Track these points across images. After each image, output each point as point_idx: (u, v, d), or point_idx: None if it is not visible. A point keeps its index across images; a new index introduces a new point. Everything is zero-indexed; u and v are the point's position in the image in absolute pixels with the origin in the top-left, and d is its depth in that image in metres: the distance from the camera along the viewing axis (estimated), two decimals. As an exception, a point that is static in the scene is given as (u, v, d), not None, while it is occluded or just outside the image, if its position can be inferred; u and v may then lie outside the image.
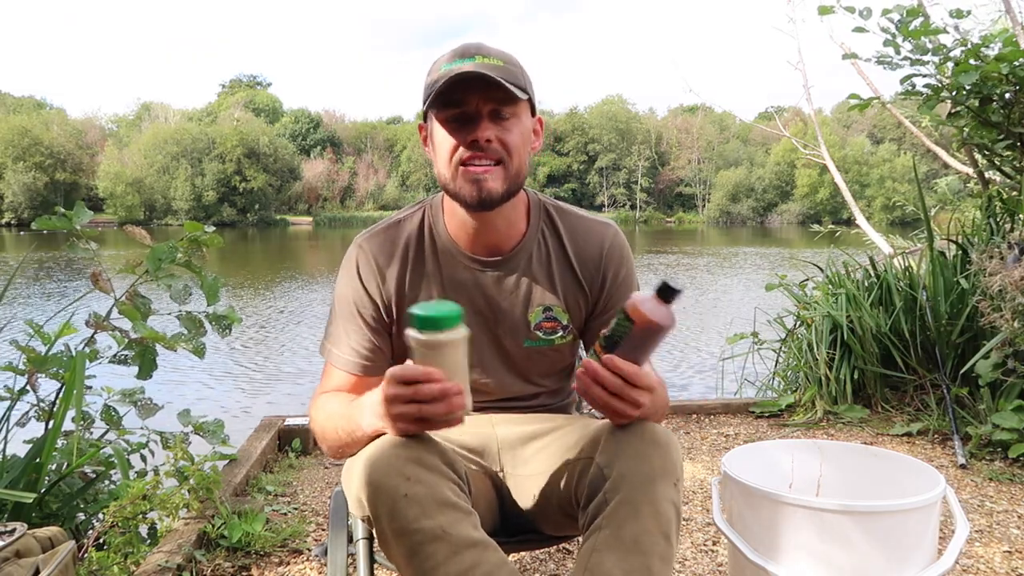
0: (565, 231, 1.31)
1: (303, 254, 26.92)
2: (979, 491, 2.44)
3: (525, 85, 1.17)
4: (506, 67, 1.15)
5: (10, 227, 49.97)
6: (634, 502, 1.04)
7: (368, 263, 1.27)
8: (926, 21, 3.25)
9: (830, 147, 6.98)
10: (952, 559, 1.27)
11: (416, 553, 1.00)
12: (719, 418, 3.41)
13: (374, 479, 1.02)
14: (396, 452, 1.04)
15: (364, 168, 70.36)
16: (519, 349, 1.30)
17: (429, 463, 1.04)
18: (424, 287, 1.28)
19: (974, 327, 3.13)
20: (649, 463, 1.06)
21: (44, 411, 1.99)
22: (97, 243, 2.15)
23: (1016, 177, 3.52)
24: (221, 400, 5.45)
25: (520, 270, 1.28)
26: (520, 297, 1.28)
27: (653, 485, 1.05)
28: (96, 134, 65.85)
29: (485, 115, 1.15)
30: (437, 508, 1.01)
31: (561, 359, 1.36)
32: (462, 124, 1.16)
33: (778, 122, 6.48)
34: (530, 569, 1.95)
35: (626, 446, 1.09)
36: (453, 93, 1.14)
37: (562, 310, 1.30)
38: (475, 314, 1.27)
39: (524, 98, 1.16)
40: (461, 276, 1.28)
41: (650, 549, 1.02)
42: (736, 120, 68.72)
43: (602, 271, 1.31)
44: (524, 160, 1.20)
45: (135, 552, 1.79)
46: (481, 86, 1.12)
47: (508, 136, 1.16)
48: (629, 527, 1.03)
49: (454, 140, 1.16)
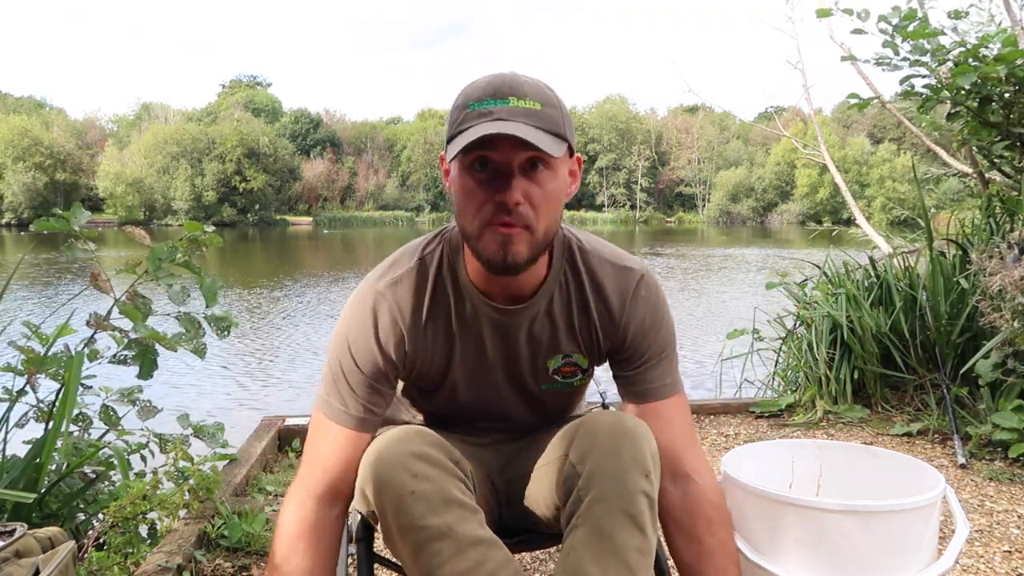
0: (587, 277, 1.21)
1: (303, 254, 26.92)
2: (979, 491, 2.44)
3: (564, 131, 1.04)
4: (544, 111, 1.01)
5: (10, 227, 49.96)
6: (606, 498, 1.04)
7: (390, 315, 1.16)
8: (924, 22, 3.25)
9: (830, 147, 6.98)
10: (952, 559, 1.28)
11: (422, 550, 1.00)
12: (719, 418, 3.41)
13: (380, 475, 1.02)
14: (403, 448, 1.04)
15: (364, 168, 70.33)
16: (537, 393, 1.28)
17: (436, 460, 1.04)
18: (442, 334, 1.20)
19: (974, 327, 3.12)
20: (618, 457, 1.06)
21: (43, 411, 1.99)
22: (97, 243, 2.15)
23: (1016, 177, 3.52)
24: (221, 400, 5.45)
25: (540, 316, 1.20)
26: (539, 344, 1.22)
27: (624, 479, 1.04)
28: (96, 134, 65.84)
29: (516, 170, 1.02)
30: (443, 505, 1.00)
31: (578, 396, 1.37)
32: (489, 175, 1.03)
33: (778, 122, 6.48)
34: (530, 569, 1.95)
35: (596, 441, 1.08)
36: (481, 146, 1.00)
37: (582, 356, 1.24)
38: (493, 357, 1.22)
39: (563, 150, 1.03)
40: (480, 321, 1.19)
41: (626, 544, 1.02)
42: (736, 120, 68.72)
43: (623, 322, 1.21)
44: (555, 218, 1.08)
45: (135, 552, 1.79)
46: (514, 141, 0.98)
47: (538, 194, 1.03)
48: (604, 524, 1.03)
49: (480, 193, 1.03)
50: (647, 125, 73.96)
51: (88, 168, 58.19)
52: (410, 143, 71.95)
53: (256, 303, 11.03)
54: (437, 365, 1.22)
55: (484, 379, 1.24)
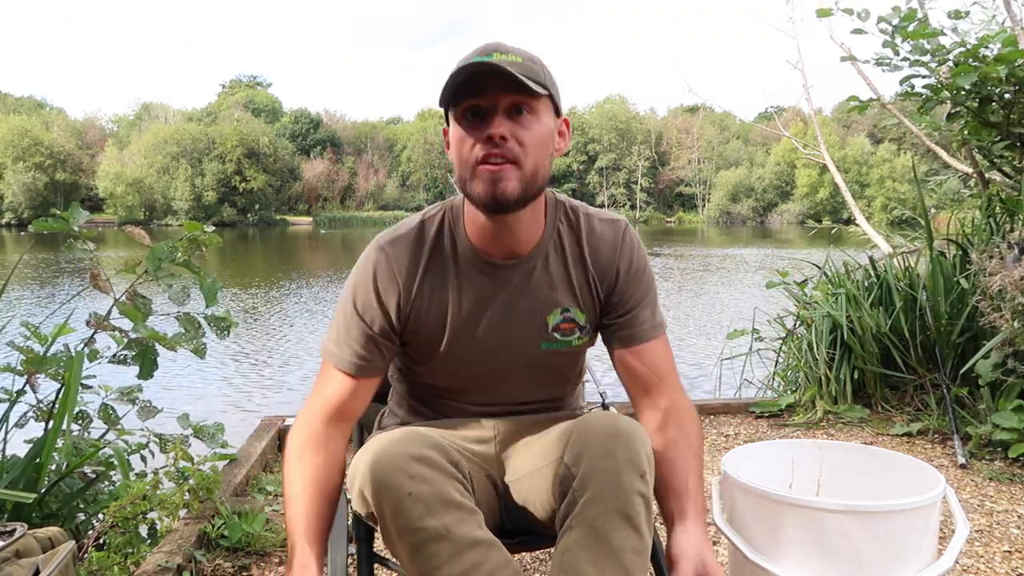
0: (581, 232, 1.28)
1: (301, 254, 26.91)
2: (979, 491, 2.44)
3: (545, 82, 1.12)
4: (525, 64, 1.11)
5: (10, 227, 49.97)
6: (602, 499, 1.04)
7: (388, 269, 1.23)
8: (924, 22, 3.25)
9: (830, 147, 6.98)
10: (952, 559, 1.27)
11: (419, 552, 1.00)
12: (719, 418, 3.41)
13: (378, 477, 1.02)
14: (401, 450, 1.04)
15: (364, 168, 70.36)
16: (536, 352, 1.28)
17: (434, 462, 1.04)
18: (439, 290, 1.24)
19: (974, 327, 3.13)
20: (613, 458, 1.06)
21: (43, 411, 1.99)
22: (97, 243, 2.15)
23: (1016, 177, 3.52)
24: (220, 400, 5.45)
25: (538, 271, 1.25)
26: (538, 299, 1.25)
27: (619, 479, 1.04)
28: (96, 134, 65.87)
29: (501, 110, 1.10)
30: (441, 507, 1.01)
31: (575, 363, 1.36)
32: (478, 121, 1.11)
33: (778, 122, 6.47)
34: (530, 569, 1.95)
35: (590, 442, 1.08)
36: (467, 87, 1.09)
37: (579, 311, 1.28)
38: (492, 317, 1.25)
39: (543, 94, 1.11)
40: (478, 279, 1.24)
41: (622, 545, 1.02)
42: (736, 120, 68.71)
43: (615, 268, 1.28)
44: (542, 161, 1.14)
45: (135, 552, 1.79)
46: (496, 80, 1.08)
47: (524, 133, 1.11)
48: (599, 525, 1.03)
49: (470, 138, 1.11)
50: (647, 125, 73.98)
51: (88, 168, 58.23)
52: (410, 143, 71.97)
53: (252, 304, 11.03)
54: (434, 321, 1.24)
55: (482, 338, 1.25)
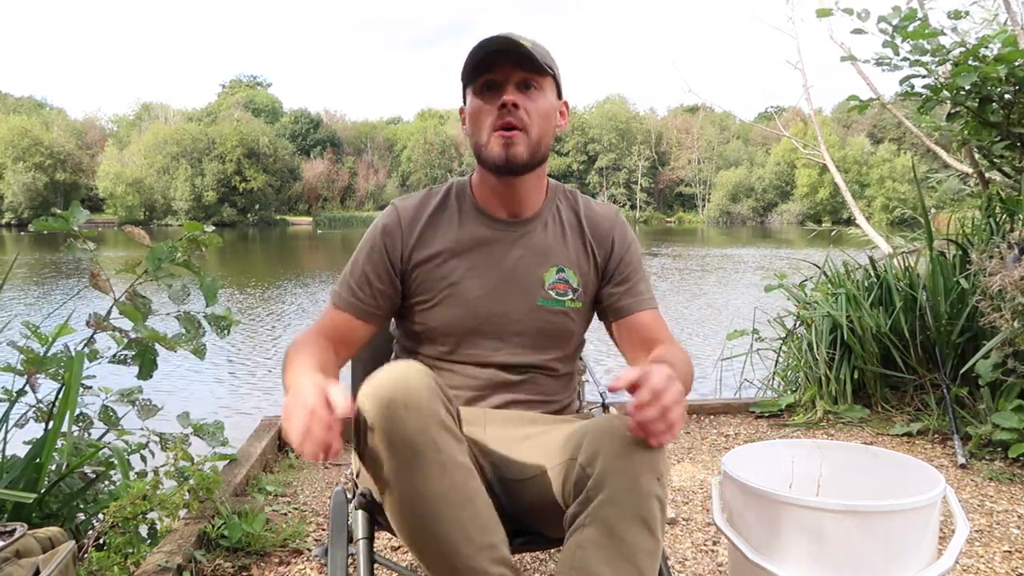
0: (581, 206, 1.44)
1: (300, 254, 26.92)
2: (979, 491, 2.44)
3: (551, 64, 1.30)
4: (535, 46, 1.28)
5: (10, 227, 49.97)
6: (618, 500, 1.04)
7: (396, 218, 1.37)
8: (924, 22, 3.25)
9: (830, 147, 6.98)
10: (952, 559, 1.27)
11: (409, 463, 1.03)
12: (719, 418, 3.41)
13: (383, 387, 1.06)
14: (407, 371, 1.08)
15: (364, 168, 70.34)
16: (531, 308, 1.35)
17: (434, 388, 1.08)
18: (442, 236, 1.36)
19: (974, 327, 3.13)
20: (630, 459, 1.06)
21: (43, 411, 1.99)
22: (97, 243, 2.15)
23: (1016, 177, 3.52)
24: (220, 400, 5.44)
25: (537, 232, 1.39)
26: (536, 256, 1.37)
27: (636, 481, 1.05)
28: (96, 134, 65.86)
29: (512, 84, 1.27)
30: (437, 425, 1.05)
31: (567, 329, 1.39)
32: (493, 94, 1.28)
33: (778, 122, 6.47)
34: (530, 569, 1.95)
35: (606, 444, 1.08)
36: (484, 64, 1.27)
37: (574, 273, 1.38)
38: (490, 270, 1.35)
39: (548, 73, 1.29)
40: (481, 233, 1.37)
41: (637, 546, 1.03)
42: (736, 120, 68.72)
43: (611, 238, 1.41)
44: (547, 131, 1.32)
45: (135, 552, 1.79)
46: (509, 56, 1.26)
47: (531, 105, 1.28)
48: (616, 525, 1.03)
49: (486, 106, 1.28)
50: (647, 125, 73.97)
51: (88, 168, 58.21)
52: (410, 143, 71.93)
53: (257, 303, 11.03)
54: (436, 266, 1.35)
55: (482, 285, 1.35)
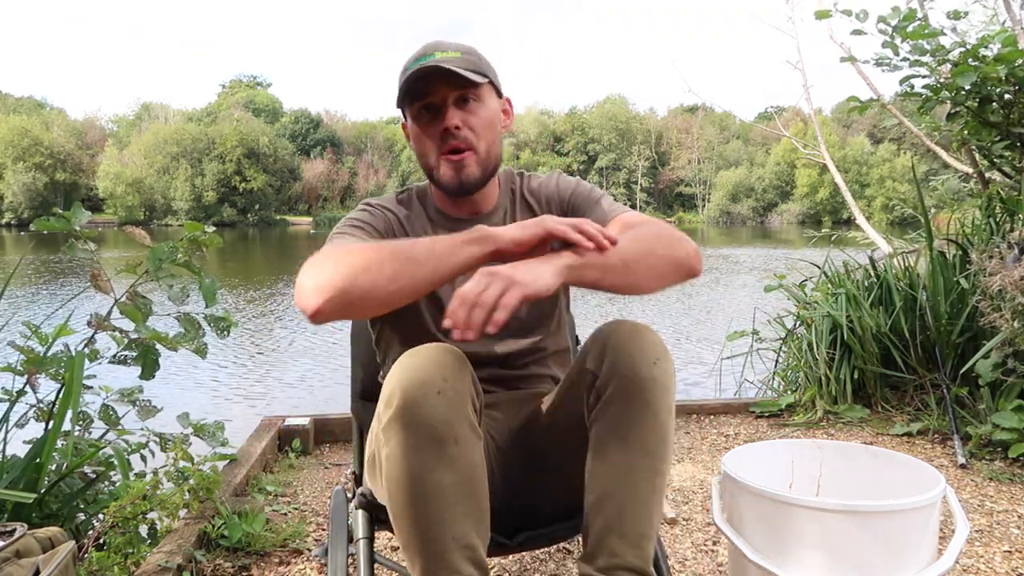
0: (526, 185, 1.45)
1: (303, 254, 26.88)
2: (979, 491, 2.44)
3: (483, 70, 1.28)
4: (463, 57, 1.26)
5: (10, 227, 49.99)
6: (623, 392, 1.11)
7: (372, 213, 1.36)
8: (924, 23, 3.25)
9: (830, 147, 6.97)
10: (952, 559, 1.27)
11: (423, 448, 1.03)
12: (719, 418, 3.41)
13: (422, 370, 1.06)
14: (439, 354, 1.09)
15: (364, 168, 70.38)
16: None
17: (469, 384, 1.09)
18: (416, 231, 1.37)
19: (974, 327, 3.12)
20: (628, 351, 1.13)
21: (43, 411, 1.99)
22: (97, 243, 2.15)
23: (1016, 177, 3.52)
24: (220, 400, 5.44)
25: (497, 223, 1.37)
26: None
27: (636, 370, 1.12)
28: (96, 134, 65.88)
29: (450, 104, 1.26)
30: (460, 418, 1.06)
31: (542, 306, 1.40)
32: (432, 116, 1.28)
33: (778, 122, 6.48)
34: (530, 569, 1.95)
35: (606, 343, 1.15)
36: (417, 88, 1.26)
37: None
38: None
39: (483, 82, 1.26)
40: (448, 227, 1.36)
41: (642, 433, 1.11)
42: (736, 120, 68.68)
43: (555, 195, 1.42)
44: (494, 140, 1.32)
45: (135, 552, 1.79)
46: (440, 78, 1.24)
47: (474, 120, 1.27)
48: (621, 415, 1.11)
49: (427, 133, 1.28)
50: (647, 125, 73.96)
51: (88, 168, 58.26)
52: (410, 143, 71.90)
53: (257, 302, 11.03)
54: None
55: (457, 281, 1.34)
